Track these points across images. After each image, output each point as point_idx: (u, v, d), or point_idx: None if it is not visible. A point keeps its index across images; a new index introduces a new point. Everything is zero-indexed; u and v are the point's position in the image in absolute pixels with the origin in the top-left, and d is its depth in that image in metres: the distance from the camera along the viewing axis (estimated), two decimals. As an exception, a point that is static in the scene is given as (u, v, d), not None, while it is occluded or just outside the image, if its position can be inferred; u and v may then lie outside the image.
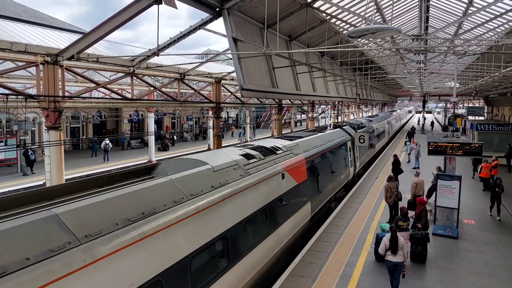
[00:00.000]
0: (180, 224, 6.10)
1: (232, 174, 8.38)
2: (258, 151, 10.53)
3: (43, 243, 4.18)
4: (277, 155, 11.14)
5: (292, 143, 13.14)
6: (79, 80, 20.71)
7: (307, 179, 12.58)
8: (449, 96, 57.71)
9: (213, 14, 10.36)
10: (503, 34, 16.90)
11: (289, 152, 12.09)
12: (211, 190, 7.32)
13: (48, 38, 14.70)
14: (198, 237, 6.51)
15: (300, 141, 14.21)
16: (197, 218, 6.56)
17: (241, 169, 8.84)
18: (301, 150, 13.08)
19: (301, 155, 12.64)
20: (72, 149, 34.33)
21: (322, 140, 16.15)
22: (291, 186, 11.12)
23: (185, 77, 18.45)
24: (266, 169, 9.83)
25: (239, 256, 7.79)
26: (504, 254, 11.13)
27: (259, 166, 9.65)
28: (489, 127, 27.08)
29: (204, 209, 6.83)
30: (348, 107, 55.74)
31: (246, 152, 10.00)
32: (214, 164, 8.24)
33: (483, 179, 18.76)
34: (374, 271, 9.92)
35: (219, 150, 10.12)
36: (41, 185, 16.80)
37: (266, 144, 11.82)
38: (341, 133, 20.12)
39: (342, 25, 17.28)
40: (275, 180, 10.10)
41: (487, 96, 39.54)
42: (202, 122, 51.13)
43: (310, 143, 14.63)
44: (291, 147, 12.63)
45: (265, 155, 10.51)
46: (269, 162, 10.31)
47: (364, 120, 31.20)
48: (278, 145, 12.12)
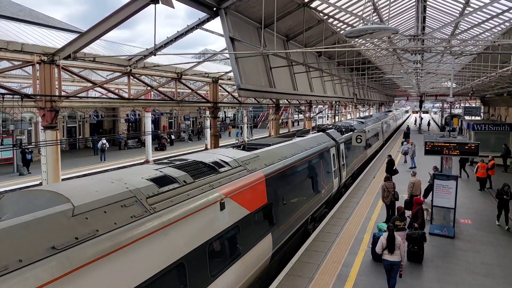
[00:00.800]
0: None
1: (114, 216, 5.27)
2: (186, 170, 7.53)
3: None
4: (218, 175, 8.07)
5: (249, 156, 10.13)
6: (75, 79, 20.63)
7: (268, 203, 9.59)
8: (445, 96, 57.87)
9: (210, 13, 10.34)
10: (499, 34, 16.96)
11: (241, 168, 9.11)
12: (50, 255, 4.19)
13: (45, 38, 14.64)
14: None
15: (263, 151, 11.15)
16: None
17: (138, 205, 5.75)
18: (261, 164, 10.10)
19: (259, 172, 9.64)
20: (69, 149, 34.27)
21: (295, 148, 13.25)
22: (239, 217, 8.06)
23: (182, 76, 18.42)
24: (190, 199, 6.77)
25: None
26: (500, 254, 11.18)
27: (178, 195, 6.60)
28: (486, 127, 27.18)
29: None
30: (345, 107, 55.85)
31: (163, 174, 6.97)
32: (79, 201, 5.14)
33: (479, 179, 18.85)
34: (371, 270, 9.95)
35: (121, 171, 7.48)
36: (36, 185, 16.72)
37: (209, 158, 8.82)
38: (324, 138, 17.21)
39: (339, 25, 17.30)
40: (206, 215, 7.03)
41: (484, 96, 39.66)
42: (200, 122, 51.13)
43: (276, 154, 11.57)
44: (246, 161, 9.66)
45: (197, 176, 7.52)
46: (200, 188, 7.23)
47: (355, 122, 28.01)
48: (226, 158, 9.18)
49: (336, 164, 17.34)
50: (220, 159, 8.99)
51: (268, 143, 13.02)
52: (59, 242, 4.39)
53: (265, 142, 13.82)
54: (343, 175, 18.52)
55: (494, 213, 14.18)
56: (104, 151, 28.03)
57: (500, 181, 19.85)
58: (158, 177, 6.80)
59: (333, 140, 17.93)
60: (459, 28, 19.94)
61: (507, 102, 30.41)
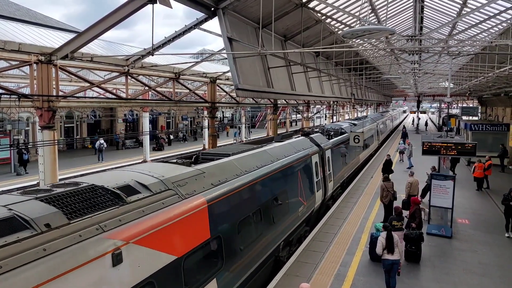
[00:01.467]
0: None
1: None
2: (61, 204, 4.98)
3: None
4: (122, 208, 5.49)
5: (188, 173, 7.41)
6: (73, 79, 20.61)
7: (211, 238, 7.03)
8: (443, 96, 58.02)
9: (208, 13, 10.34)
10: (496, 34, 17.01)
11: (170, 193, 6.51)
12: None
13: (42, 37, 14.60)
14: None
15: (212, 165, 8.39)
16: None
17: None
18: (205, 185, 7.44)
19: (199, 196, 6.99)
20: (66, 149, 34.20)
21: (263, 159, 10.60)
22: (152, 270, 5.50)
23: (180, 76, 18.42)
24: (48, 256, 4.21)
25: None
26: (497, 254, 11.22)
27: (24, 253, 4.05)
28: (483, 127, 27.28)
29: None
30: (343, 107, 55.91)
31: (9, 215, 4.42)
32: None
33: (476, 179, 18.91)
34: (368, 270, 9.96)
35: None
36: (34, 185, 16.67)
37: (118, 180, 6.28)
38: (305, 144, 14.60)
39: (337, 25, 17.31)
40: (81, 279, 4.47)
41: (481, 97, 39.76)
42: (197, 121, 51.10)
43: (232, 168, 8.83)
44: (180, 181, 7.01)
45: (78, 213, 4.97)
46: (77, 234, 4.66)
47: (346, 124, 24.97)
48: (148, 179, 6.58)
49: (319, 174, 14.92)
50: (137, 180, 6.42)
51: (228, 152, 10.10)
52: None
53: (227, 151, 10.67)
54: (329, 187, 16.04)
55: (491, 213, 14.20)
56: (102, 151, 27.98)
57: (497, 181, 20.01)
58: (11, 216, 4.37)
59: (317, 146, 15.45)
60: (457, 28, 19.98)
61: (504, 102, 30.49)
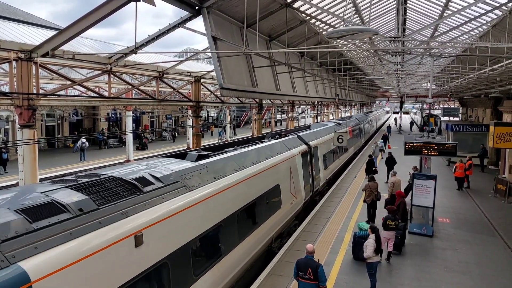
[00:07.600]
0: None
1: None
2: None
3: None
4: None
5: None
6: (54, 77, 20.21)
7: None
8: (425, 97, 58.92)
9: (193, 12, 10.26)
10: (477, 37, 17.34)
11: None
12: None
13: (23, 34, 14.31)
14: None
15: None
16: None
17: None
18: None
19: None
20: (47, 148, 33.57)
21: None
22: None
23: (164, 75, 18.23)
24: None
25: None
26: (476, 252, 11.45)
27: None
28: (464, 128, 27.81)
29: None
30: (327, 107, 56.25)
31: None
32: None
33: (457, 179, 19.26)
34: (352, 269, 10.04)
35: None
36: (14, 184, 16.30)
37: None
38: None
39: (321, 26, 17.40)
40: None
41: (462, 98, 40.50)
42: (182, 121, 50.77)
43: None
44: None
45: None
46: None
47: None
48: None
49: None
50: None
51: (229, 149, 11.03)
52: None
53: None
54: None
55: (471, 212, 14.42)
56: (84, 151, 27.55)
57: (477, 181, 20.44)
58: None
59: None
60: (439, 30, 20.31)
61: (484, 104, 31.13)
